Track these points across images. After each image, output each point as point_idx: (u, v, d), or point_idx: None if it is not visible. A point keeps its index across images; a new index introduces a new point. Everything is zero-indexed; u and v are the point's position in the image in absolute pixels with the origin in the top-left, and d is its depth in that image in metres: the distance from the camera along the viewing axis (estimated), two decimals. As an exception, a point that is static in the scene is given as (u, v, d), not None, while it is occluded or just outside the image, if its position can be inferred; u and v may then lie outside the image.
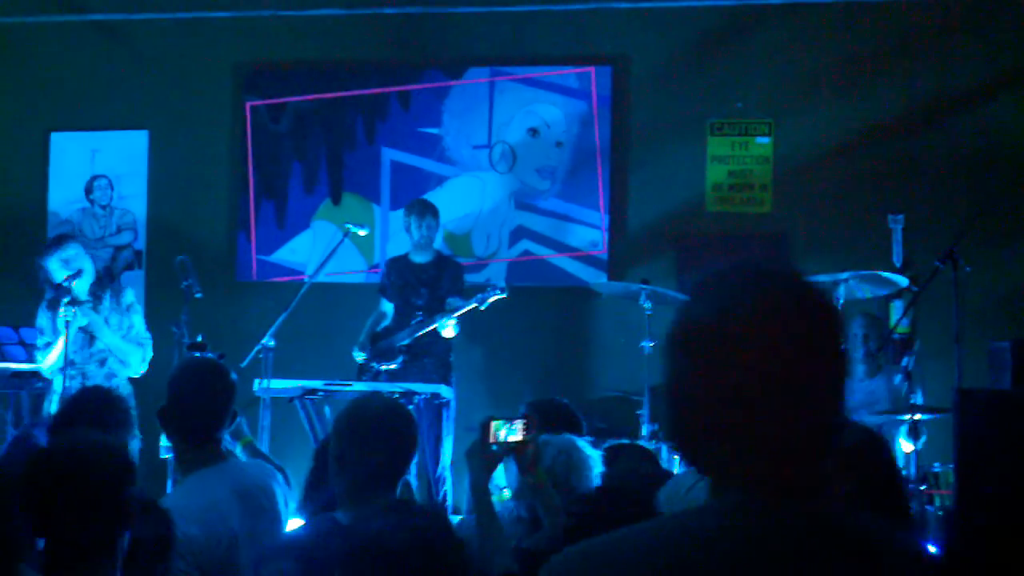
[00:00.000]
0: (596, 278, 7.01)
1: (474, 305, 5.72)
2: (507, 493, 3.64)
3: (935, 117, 6.94)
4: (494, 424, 2.82)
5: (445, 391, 5.56)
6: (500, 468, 3.01)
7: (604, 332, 7.08)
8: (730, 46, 7.17)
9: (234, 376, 3.17)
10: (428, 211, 6.08)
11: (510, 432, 2.82)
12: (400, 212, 6.71)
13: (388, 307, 6.17)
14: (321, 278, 6.20)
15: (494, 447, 2.81)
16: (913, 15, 6.99)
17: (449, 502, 5.56)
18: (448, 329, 5.79)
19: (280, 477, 3.19)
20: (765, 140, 7.13)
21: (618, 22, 7.28)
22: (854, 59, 7.03)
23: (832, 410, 1.23)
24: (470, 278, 6.56)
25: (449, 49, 7.43)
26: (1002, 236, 6.53)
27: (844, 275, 5.27)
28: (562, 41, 7.34)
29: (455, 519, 4.49)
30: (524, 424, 2.83)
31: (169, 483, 4.89)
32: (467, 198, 7.33)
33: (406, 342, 5.93)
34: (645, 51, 7.26)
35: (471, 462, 2.86)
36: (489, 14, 7.37)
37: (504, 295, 5.77)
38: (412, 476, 5.48)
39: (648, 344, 5.64)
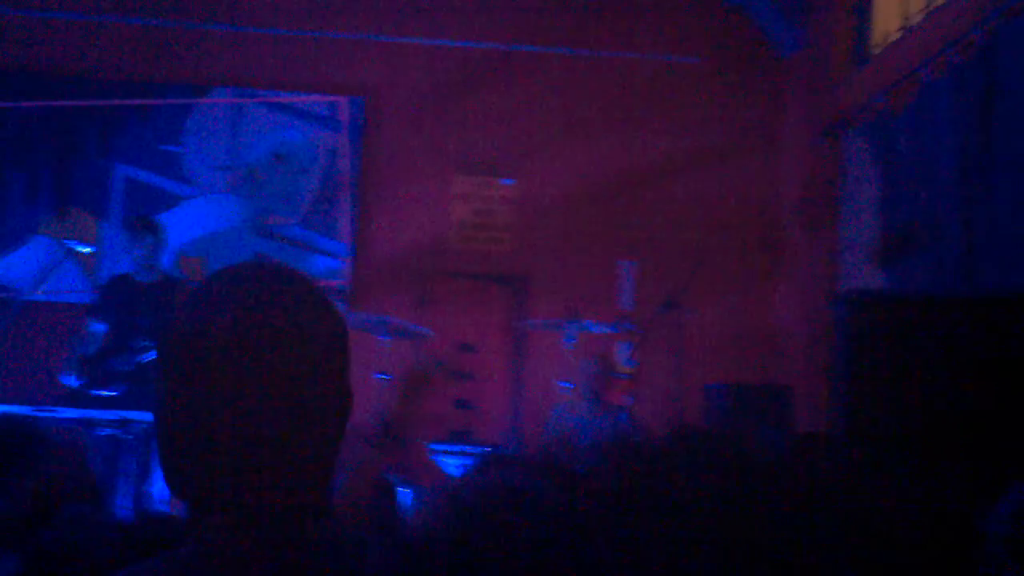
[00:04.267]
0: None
1: None
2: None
3: (667, 170, 7.32)
4: None
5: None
6: None
7: (341, 364, 6.97)
8: (481, 87, 7.30)
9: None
10: (147, 230, 5.72)
11: None
12: (131, 231, 6.36)
13: (99, 328, 5.78)
14: (38, 296, 5.78)
15: None
16: (653, 75, 7.37)
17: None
18: None
19: None
20: (509, 182, 7.29)
21: (372, 54, 7.27)
22: (597, 110, 7.33)
23: (332, 431, 1.11)
24: (203, 303, 6.29)
25: (194, 66, 7.17)
26: (720, 285, 6.93)
27: (573, 314, 5.44)
28: (314, 68, 7.24)
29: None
30: None
31: None
32: (205, 220, 7.07)
33: (129, 368, 5.59)
34: (398, 85, 7.28)
35: None
36: (239, 34, 7.18)
37: None
38: (130, 510, 5.16)
39: (384, 377, 5.59)
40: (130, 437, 5.19)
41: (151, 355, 5.51)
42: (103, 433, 5.07)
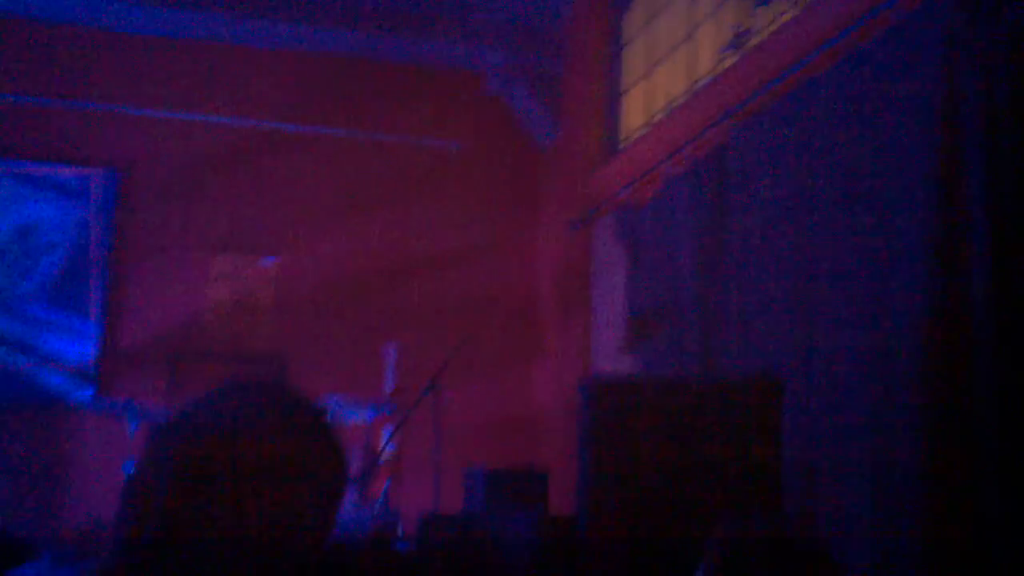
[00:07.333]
0: (81, 392, 6.53)
1: None
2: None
3: (431, 252, 7.41)
4: None
5: None
6: None
7: (85, 451, 6.58)
8: (243, 165, 7.19)
9: None
10: None
11: None
12: None
13: None
14: None
15: None
16: (417, 158, 7.49)
17: None
18: None
19: None
20: (271, 261, 7.17)
21: (127, 127, 7.03)
22: (362, 191, 7.35)
23: (317, 537, 1.15)
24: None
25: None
26: (482, 368, 7.03)
27: (333, 398, 5.37)
28: (64, 139, 6.92)
29: None
30: None
31: None
32: (-65, 298, 6.57)
33: None
34: (154, 160, 7.06)
35: None
36: (-20, 101, 6.79)
37: None
38: None
39: (133, 465, 5.32)
40: None
41: None
42: None
